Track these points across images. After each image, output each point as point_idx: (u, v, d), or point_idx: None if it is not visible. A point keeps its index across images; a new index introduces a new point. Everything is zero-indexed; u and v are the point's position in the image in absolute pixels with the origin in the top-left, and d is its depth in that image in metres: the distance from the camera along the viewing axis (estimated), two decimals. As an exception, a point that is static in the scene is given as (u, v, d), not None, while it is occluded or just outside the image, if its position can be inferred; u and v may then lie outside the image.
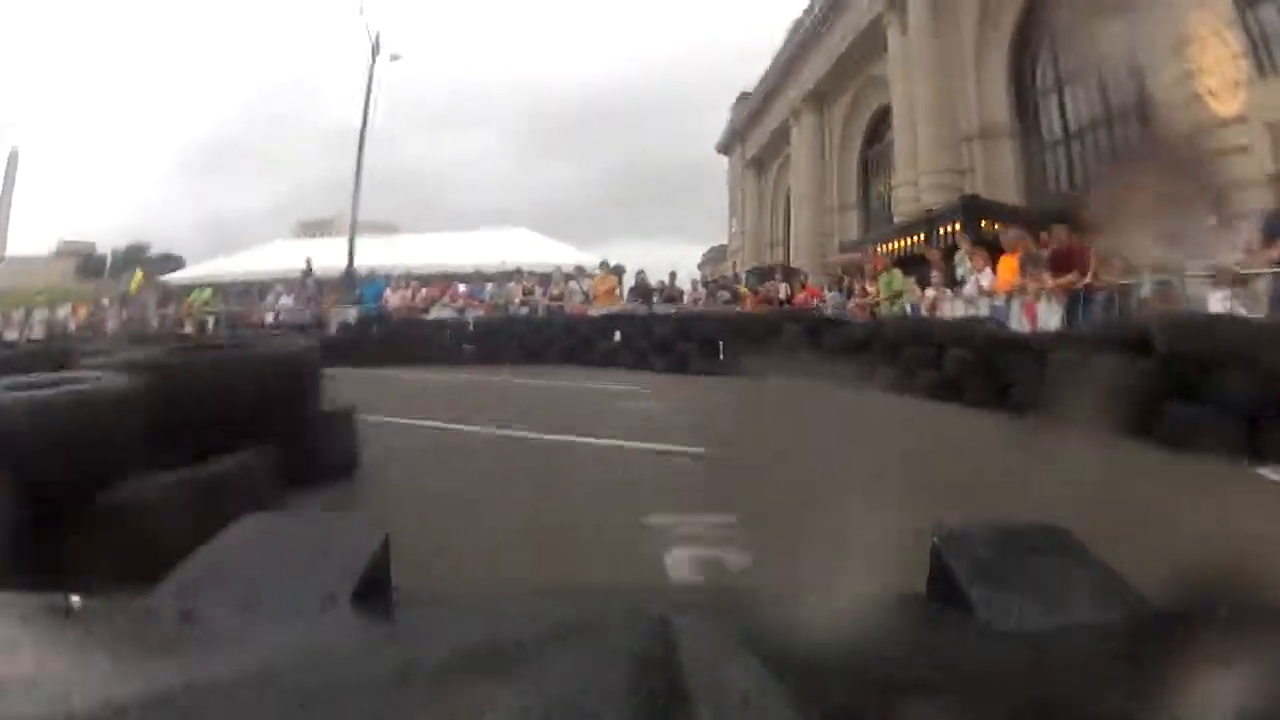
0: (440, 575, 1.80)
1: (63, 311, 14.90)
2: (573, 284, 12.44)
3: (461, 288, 12.81)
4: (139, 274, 15.91)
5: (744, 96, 28.91)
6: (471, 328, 11.26)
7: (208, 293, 14.51)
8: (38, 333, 13.43)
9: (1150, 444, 3.75)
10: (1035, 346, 5.26)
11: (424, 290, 12.88)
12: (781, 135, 25.86)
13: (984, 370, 5.68)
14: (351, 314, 12.46)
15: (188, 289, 15.09)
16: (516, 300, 12.15)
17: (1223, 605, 0.58)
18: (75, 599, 0.55)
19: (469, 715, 0.41)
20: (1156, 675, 0.46)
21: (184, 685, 0.43)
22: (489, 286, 12.62)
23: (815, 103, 23.39)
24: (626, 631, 0.53)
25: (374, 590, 0.61)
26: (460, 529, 2.36)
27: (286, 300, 13.44)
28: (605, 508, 2.71)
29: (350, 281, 14.23)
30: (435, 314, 12.09)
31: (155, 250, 33.76)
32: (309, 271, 13.49)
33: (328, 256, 14.61)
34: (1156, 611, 0.60)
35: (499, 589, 1.59)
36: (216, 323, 13.23)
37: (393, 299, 12.69)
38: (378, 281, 13.63)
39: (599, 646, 0.51)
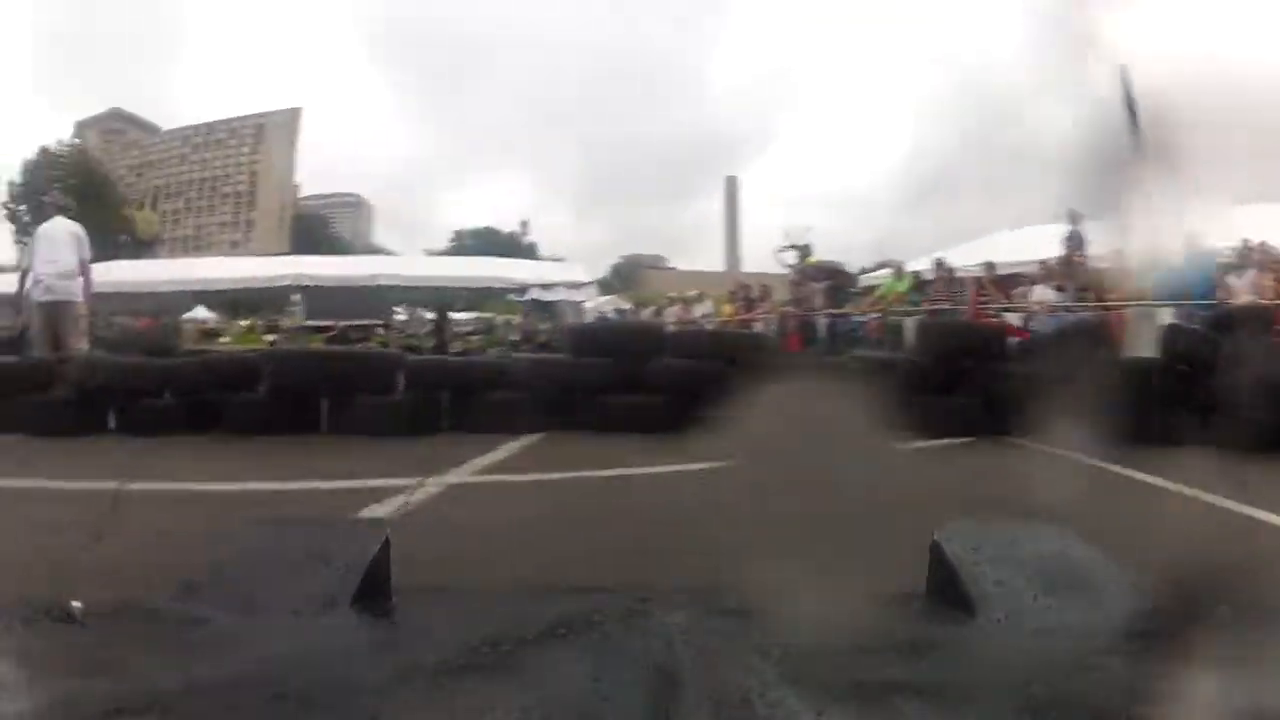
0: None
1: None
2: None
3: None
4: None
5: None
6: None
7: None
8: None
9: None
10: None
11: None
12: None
13: None
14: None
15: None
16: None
17: (1223, 605, 0.58)
18: (76, 602, 0.55)
19: (469, 715, 0.41)
20: (1157, 675, 0.46)
21: (187, 686, 0.43)
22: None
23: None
24: (626, 631, 0.53)
25: (374, 591, 0.61)
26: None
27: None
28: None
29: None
30: None
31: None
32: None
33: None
34: (1157, 611, 0.60)
35: (499, 589, 1.59)
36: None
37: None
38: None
39: (599, 646, 0.51)
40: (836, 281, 9.94)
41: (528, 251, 39.84)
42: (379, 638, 0.60)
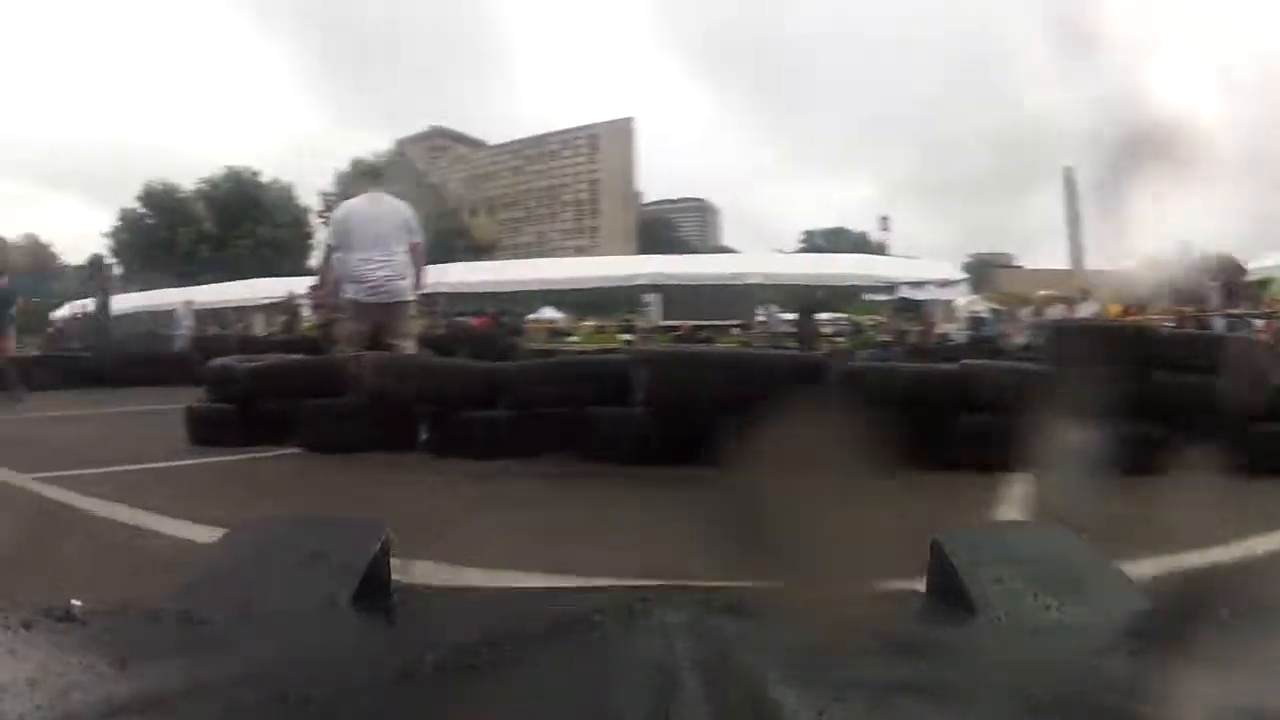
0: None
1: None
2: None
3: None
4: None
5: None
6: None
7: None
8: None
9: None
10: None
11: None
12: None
13: None
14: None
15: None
16: None
17: (1223, 605, 0.58)
18: (76, 602, 0.55)
19: (469, 715, 0.41)
20: (1157, 675, 0.46)
21: (185, 687, 0.43)
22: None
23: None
24: (626, 631, 0.53)
25: (374, 591, 0.61)
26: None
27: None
28: None
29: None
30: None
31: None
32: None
33: None
34: (1157, 611, 0.60)
35: (499, 589, 1.59)
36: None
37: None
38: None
39: (599, 646, 0.51)
40: (1231, 278, 8.74)
41: (878, 251, 38.21)
42: (379, 637, 0.60)
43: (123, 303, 17.17)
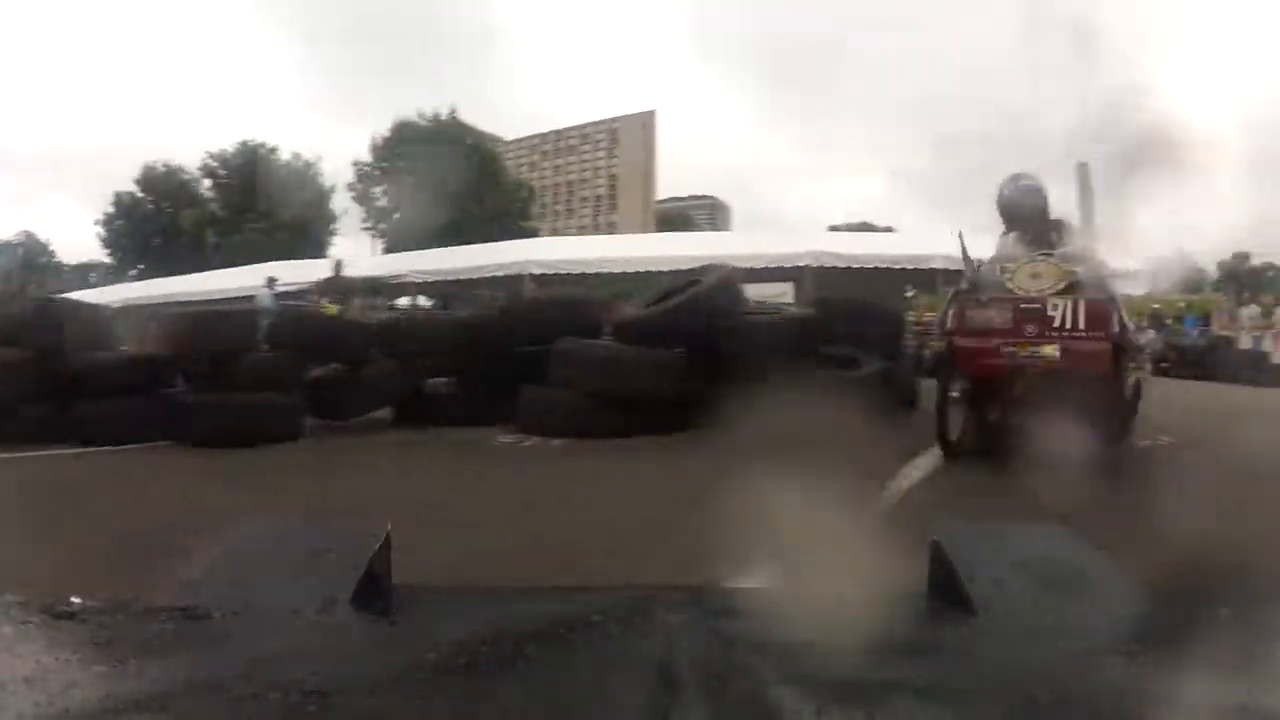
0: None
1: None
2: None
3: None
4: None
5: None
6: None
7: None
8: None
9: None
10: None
11: None
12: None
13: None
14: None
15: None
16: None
17: (1223, 605, 0.58)
18: (76, 599, 0.55)
19: (469, 715, 0.41)
20: (1157, 675, 0.46)
21: (184, 685, 0.43)
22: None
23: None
24: (626, 631, 0.53)
25: (374, 590, 0.61)
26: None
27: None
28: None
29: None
30: None
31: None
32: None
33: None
34: (1157, 611, 0.60)
35: (499, 589, 1.59)
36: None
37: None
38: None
39: (599, 646, 0.51)
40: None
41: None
42: (379, 637, 0.60)
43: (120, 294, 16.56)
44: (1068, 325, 3.85)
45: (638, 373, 5.27)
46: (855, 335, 5.93)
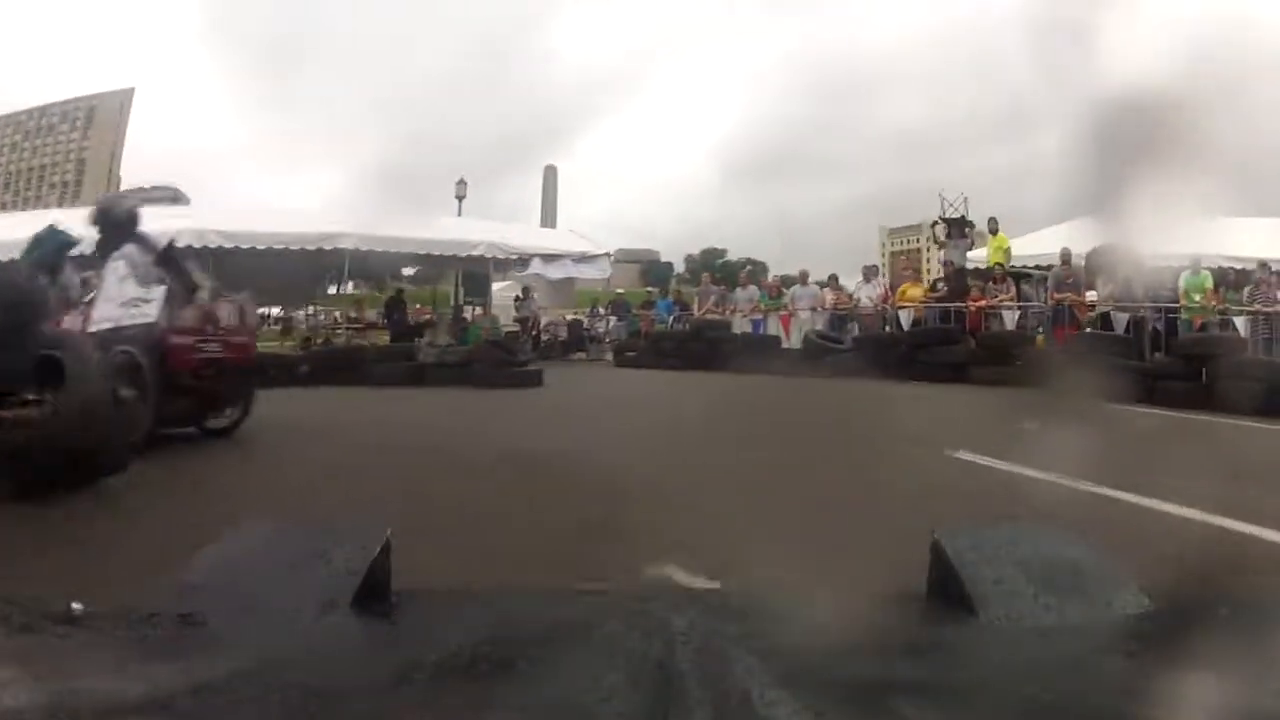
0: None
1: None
2: None
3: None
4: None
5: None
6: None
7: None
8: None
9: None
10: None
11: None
12: None
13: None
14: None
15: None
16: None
17: (1223, 605, 0.58)
18: (76, 604, 0.55)
19: (469, 715, 0.41)
20: (1157, 675, 0.46)
21: (185, 689, 0.43)
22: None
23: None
24: (626, 631, 0.53)
25: (375, 592, 0.61)
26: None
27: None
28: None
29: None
30: None
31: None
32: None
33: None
34: (1157, 611, 0.60)
35: (499, 589, 1.59)
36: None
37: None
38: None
39: (599, 646, 0.51)
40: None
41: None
42: (379, 638, 0.60)
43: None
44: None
45: None
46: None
